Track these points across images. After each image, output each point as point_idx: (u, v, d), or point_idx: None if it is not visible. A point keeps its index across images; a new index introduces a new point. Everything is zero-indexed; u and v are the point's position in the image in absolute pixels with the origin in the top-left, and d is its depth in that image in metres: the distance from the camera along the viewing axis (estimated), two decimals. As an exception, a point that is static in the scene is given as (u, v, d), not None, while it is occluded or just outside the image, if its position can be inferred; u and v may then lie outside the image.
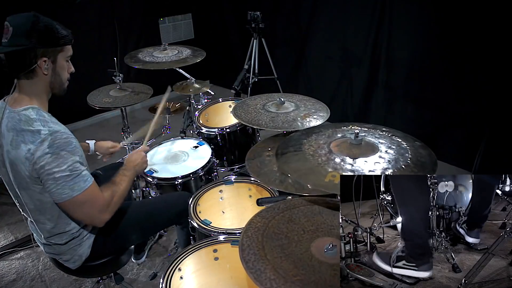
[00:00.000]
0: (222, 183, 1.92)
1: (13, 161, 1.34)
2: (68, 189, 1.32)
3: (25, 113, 1.35)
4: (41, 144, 1.29)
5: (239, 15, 4.24)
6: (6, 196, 3.07)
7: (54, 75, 1.41)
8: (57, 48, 1.38)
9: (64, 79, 1.46)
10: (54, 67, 1.40)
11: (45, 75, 1.38)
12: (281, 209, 1.23)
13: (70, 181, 1.32)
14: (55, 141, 1.30)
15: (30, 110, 1.36)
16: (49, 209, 1.43)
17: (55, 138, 1.30)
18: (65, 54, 1.42)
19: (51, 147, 1.29)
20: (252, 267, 0.98)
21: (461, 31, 2.85)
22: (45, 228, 1.49)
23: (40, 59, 1.34)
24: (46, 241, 1.55)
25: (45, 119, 1.35)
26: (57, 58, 1.39)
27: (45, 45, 1.34)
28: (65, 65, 1.44)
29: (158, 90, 2.54)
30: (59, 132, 1.32)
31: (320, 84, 4.04)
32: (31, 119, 1.33)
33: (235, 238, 1.52)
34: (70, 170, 1.32)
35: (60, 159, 1.30)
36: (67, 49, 1.42)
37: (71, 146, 1.33)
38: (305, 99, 1.89)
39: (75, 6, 3.76)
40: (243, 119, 1.72)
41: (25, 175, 1.33)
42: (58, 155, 1.29)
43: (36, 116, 1.34)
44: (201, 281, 1.50)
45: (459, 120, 3.10)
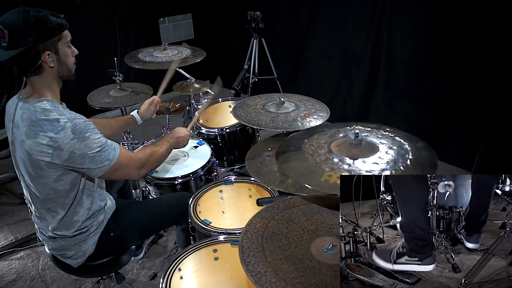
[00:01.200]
0: (222, 183, 1.92)
1: (28, 151, 1.37)
2: (106, 160, 1.43)
3: (40, 104, 1.38)
4: (64, 131, 1.34)
5: (239, 15, 4.24)
6: (6, 196, 3.08)
7: (60, 65, 1.43)
8: (55, 38, 1.37)
9: (70, 64, 1.47)
10: (58, 57, 1.41)
11: (51, 67, 1.39)
12: (281, 209, 1.23)
13: (104, 153, 1.42)
14: (76, 126, 1.36)
15: (44, 102, 1.39)
16: (62, 196, 1.47)
17: (76, 124, 1.36)
18: (64, 40, 1.41)
19: (74, 132, 1.35)
20: (252, 269, 0.98)
21: (461, 31, 2.85)
22: (55, 218, 1.52)
23: (43, 53, 1.35)
24: (53, 234, 1.56)
25: (59, 109, 1.39)
26: (58, 47, 1.39)
27: (43, 39, 1.33)
28: (67, 51, 1.44)
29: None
30: (77, 118, 1.39)
31: (320, 84, 4.04)
32: (47, 109, 1.37)
33: (235, 238, 1.52)
34: (100, 146, 1.40)
35: (87, 141, 1.37)
36: (65, 35, 1.41)
37: (92, 127, 1.40)
38: (305, 99, 1.88)
39: (75, 6, 3.76)
40: (243, 119, 1.72)
41: (43, 163, 1.37)
42: (84, 138, 1.37)
43: (51, 107, 1.38)
44: (201, 281, 1.50)
45: (459, 120, 3.10)
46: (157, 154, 1.68)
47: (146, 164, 1.61)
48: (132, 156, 1.56)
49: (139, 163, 1.57)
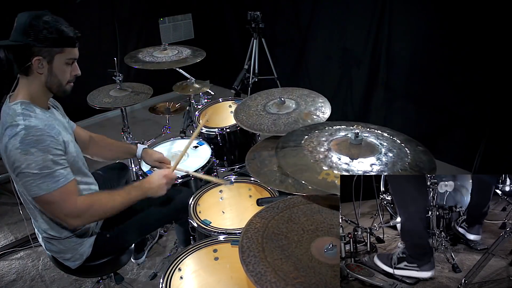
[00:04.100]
0: (222, 183, 1.92)
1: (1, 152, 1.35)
2: (36, 187, 1.29)
3: (14, 107, 1.36)
4: (14, 138, 1.28)
5: (239, 15, 4.24)
6: (6, 196, 3.08)
7: (50, 76, 1.39)
8: (55, 49, 1.35)
9: (63, 81, 1.43)
10: (51, 67, 1.37)
11: (39, 73, 1.37)
12: (281, 209, 1.23)
13: (38, 180, 1.29)
14: (27, 136, 1.28)
15: (19, 104, 1.36)
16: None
17: (28, 134, 1.28)
18: (65, 56, 1.38)
19: (22, 142, 1.27)
20: (252, 269, 0.98)
21: (461, 31, 2.85)
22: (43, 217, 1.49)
23: (34, 57, 1.33)
24: (46, 235, 1.54)
25: (29, 113, 1.34)
26: (54, 58, 1.37)
27: (40, 44, 1.32)
28: (64, 67, 1.40)
29: (158, 90, 2.54)
30: (35, 128, 1.30)
31: (320, 84, 4.04)
32: (16, 113, 1.33)
33: (235, 238, 1.52)
34: (40, 169, 1.28)
35: (29, 156, 1.27)
36: (68, 51, 1.39)
37: (43, 144, 1.29)
38: (305, 94, 1.88)
39: (75, 6, 3.76)
40: (245, 123, 1.72)
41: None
42: (27, 152, 1.27)
43: (21, 110, 1.34)
44: (201, 281, 1.49)
45: (459, 120, 3.10)
46: (103, 206, 1.44)
47: (85, 215, 1.39)
48: (71, 201, 1.36)
49: (74, 211, 1.36)
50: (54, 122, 1.42)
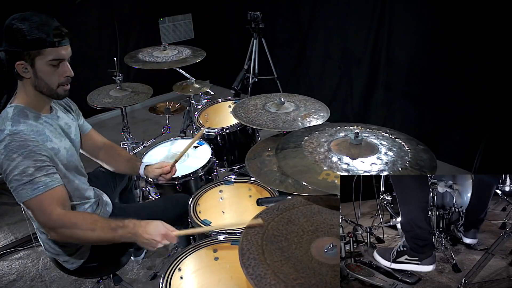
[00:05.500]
0: (222, 183, 1.92)
1: None
2: (17, 193, 1.29)
3: (8, 110, 1.36)
4: (1, 143, 1.28)
5: (239, 15, 4.24)
6: (6, 196, 3.08)
7: (37, 79, 1.35)
8: (31, 51, 1.30)
9: (52, 84, 1.38)
10: (34, 71, 1.33)
11: (27, 78, 1.35)
12: (280, 210, 1.23)
13: (19, 186, 1.27)
14: (11, 142, 1.28)
15: (12, 108, 1.36)
16: None
17: (12, 139, 1.28)
18: (45, 58, 1.32)
19: (6, 147, 1.27)
20: (252, 272, 0.98)
21: (461, 31, 2.85)
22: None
23: (17, 62, 1.31)
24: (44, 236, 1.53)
25: (18, 119, 1.33)
26: (34, 62, 1.32)
27: (13, 48, 1.29)
28: (48, 69, 1.34)
29: (158, 90, 2.54)
30: (20, 133, 1.30)
31: (320, 84, 4.04)
32: (7, 117, 1.33)
33: (235, 238, 1.52)
34: (20, 175, 1.26)
35: (11, 162, 1.26)
36: (48, 52, 1.31)
37: (25, 149, 1.28)
38: (304, 99, 1.88)
39: (75, 6, 3.76)
40: (243, 119, 1.72)
41: None
42: (10, 158, 1.26)
43: (11, 115, 1.34)
44: (201, 281, 1.49)
45: (459, 120, 3.10)
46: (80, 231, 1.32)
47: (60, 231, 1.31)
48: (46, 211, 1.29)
49: (48, 223, 1.31)
50: (47, 128, 1.41)
